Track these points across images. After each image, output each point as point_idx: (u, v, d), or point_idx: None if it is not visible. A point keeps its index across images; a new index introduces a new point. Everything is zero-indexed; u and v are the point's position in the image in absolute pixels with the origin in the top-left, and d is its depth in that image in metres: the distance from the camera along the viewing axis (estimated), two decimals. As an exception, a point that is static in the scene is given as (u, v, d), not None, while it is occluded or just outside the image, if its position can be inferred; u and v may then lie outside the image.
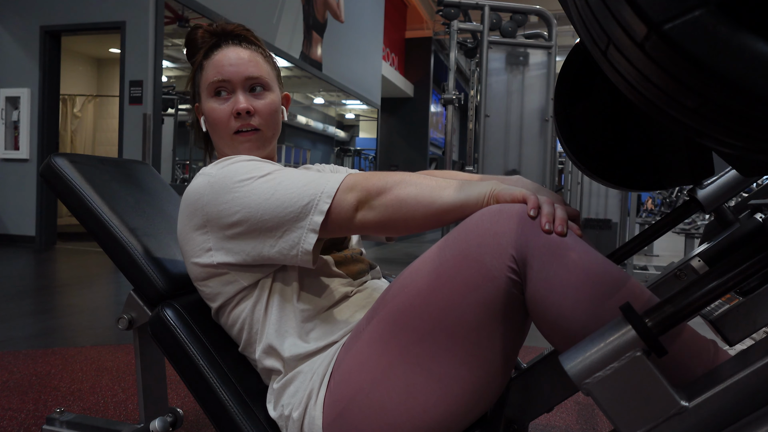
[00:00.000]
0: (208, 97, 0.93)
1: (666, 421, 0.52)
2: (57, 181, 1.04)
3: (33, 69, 5.44)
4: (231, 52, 0.93)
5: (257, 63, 0.95)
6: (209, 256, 0.84)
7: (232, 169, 0.82)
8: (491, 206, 0.72)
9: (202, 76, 0.95)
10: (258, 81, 0.94)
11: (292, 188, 0.78)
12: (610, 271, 0.66)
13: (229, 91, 0.93)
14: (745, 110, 0.34)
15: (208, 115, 0.94)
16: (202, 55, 0.95)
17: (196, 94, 0.98)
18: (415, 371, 0.72)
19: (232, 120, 0.92)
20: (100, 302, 3.16)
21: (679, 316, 0.53)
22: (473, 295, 0.69)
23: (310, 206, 0.77)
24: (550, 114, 4.47)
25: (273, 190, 0.78)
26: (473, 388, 0.72)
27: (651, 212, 14.19)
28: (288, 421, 0.81)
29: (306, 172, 0.82)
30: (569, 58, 0.90)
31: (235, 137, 0.93)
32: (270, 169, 0.82)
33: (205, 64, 0.94)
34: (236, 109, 0.91)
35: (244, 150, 0.93)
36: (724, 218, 1.08)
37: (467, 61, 9.22)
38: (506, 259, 0.67)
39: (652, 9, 0.32)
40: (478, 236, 0.69)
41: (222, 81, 0.92)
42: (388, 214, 0.76)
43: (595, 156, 0.94)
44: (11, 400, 1.64)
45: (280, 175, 0.81)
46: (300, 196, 0.77)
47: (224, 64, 0.92)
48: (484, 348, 0.71)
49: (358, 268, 0.96)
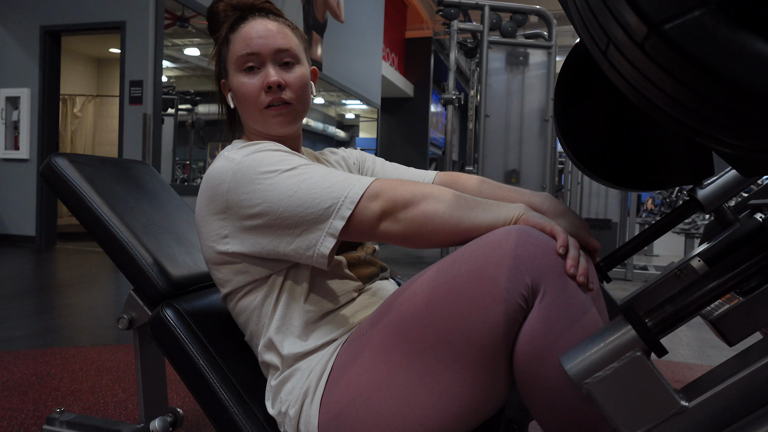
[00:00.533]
0: (237, 72, 0.90)
1: (666, 421, 0.52)
2: (57, 181, 1.04)
3: (33, 69, 5.44)
4: (258, 24, 0.90)
5: (286, 35, 0.91)
6: (225, 243, 0.83)
7: (257, 157, 0.80)
8: (519, 226, 0.71)
9: (228, 50, 0.91)
10: (288, 53, 0.90)
11: (317, 188, 0.76)
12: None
13: (258, 65, 0.89)
14: (745, 110, 0.34)
15: (237, 90, 0.90)
16: (227, 29, 0.92)
17: (222, 69, 0.94)
18: (414, 382, 0.72)
19: (263, 94, 0.89)
20: (100, 302, 3.16)
21: (679, 316, 0.53)
22: (481, 315, 0.67)
23: (332, 209, 0.75)
24: (550, 114, 4.47)
25: (296, 187, 0.77)
26: (471, 406, 0.72)
27: (651, 212, 14.18)
28: (285, 417, 0.81)
29: (333, 172, 0.79)
30: (569, 58, 0.90)
31: (265, 111, 0.89)
32: (296, 163, 0.79)
33: (232, 38, 0.90)
34: (267, 82, 0.88)
35: (275, 125, 0.91)
36: (724, 218, 1.08)
37: (467, 61, 9.23)
38: (520, 285, 0.66)
39: (652, 9, 0.32)
40: (499, 255, 0.68)
41: (251, 54, 0.88)
42: (413, 229, 0.75)
43: (595, 156, 0.94)
44: (11, 400, 1.64)
45: (306, 171, 0.78)
46: (323, 197, 0.75)
47: (253, 36, 0.89)
48: (485, 369, 0.70)
49: (369, 272, 0.95)
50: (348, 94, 9.99)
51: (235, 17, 0.93)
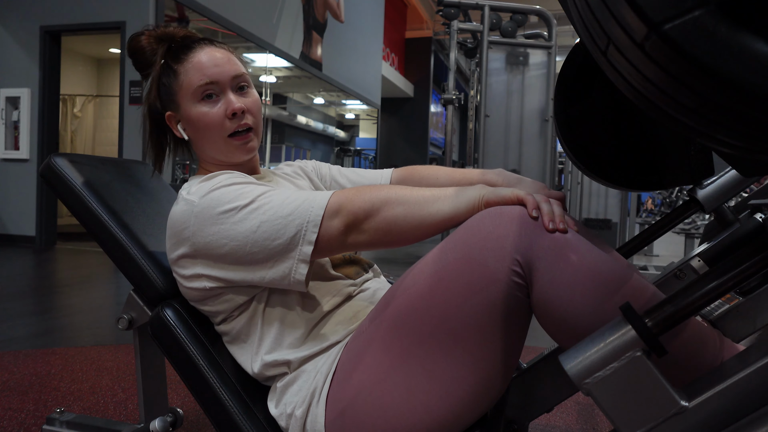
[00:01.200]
0: (195, 102, 0.89)
1: (666, 421, 0.52)
2: (57, 181, 1.04)
3: (33, 69, 5.44)
4: (209, 52, 0.90)
5: (235, 61, 0.92)
6: (200, 282, 0.84)
7: (214, 197, 0.80)
8: (490, 209, 0.72)
9: (178, 81, 0.90)
10: (242, 78, 0.92)
11: (278, 218, 0.76)
12: (615, 269, 0.67)
13: (217, 93, 0.89)
14: (745, 110, 0.34)
15: (198, 120, 0.89)
16: (167, 59, 0.91)
17: (167, 102, 0.93)
18: (416, 372, 0.73)
19: (227, 122, 0.89)
20: (100, 302, 3.16)
21: (679, 316, 0.53)
22: (476, 298, 0.69)
23: (298, 237, 0.76)
24: (550, 114, 4.47)
25: (259, 221, 0.77)
26: (474, 389, 0.73)
27: (651, 212, 14.18)
28: (290, 419, 0.81)
29: (290, 196, 0.78)
30: (569, 58, 0.90)
31: (230, 141, 0.90)
32: (253, 195, 0.79)
33: (180, 68, 0.90)
34: (232, 109, 0.88)
35: (241, 153, 0.92)
36: (724, 218, 1.08)
37: (467, 61, 9.22)
38: (510, 263, 0.67)
39: (652, 9, 0.32)
40: (481, 239, 0.69)
41: (209, 83, 0.88)
42: (380, 236, 0.76)
43: (595, 156, 0.94)
44: (11, 400, 1.64)
45: (265, 202, 0.78)
46: (287, 226, 0.76)
47: (206, 64, 0.89)
48: (486, 350, 0.71)
49: (355, 269, 0.96)
50: (348, 94, 9.99)
51: (167, 48, 0.92)
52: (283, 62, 7.56)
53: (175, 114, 0.93)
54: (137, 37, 0.94)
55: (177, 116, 0.93)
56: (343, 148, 11.72)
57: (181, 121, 0.93)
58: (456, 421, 0.74)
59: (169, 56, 0.92)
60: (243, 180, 0.83)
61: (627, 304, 0.54)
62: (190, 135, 0.93)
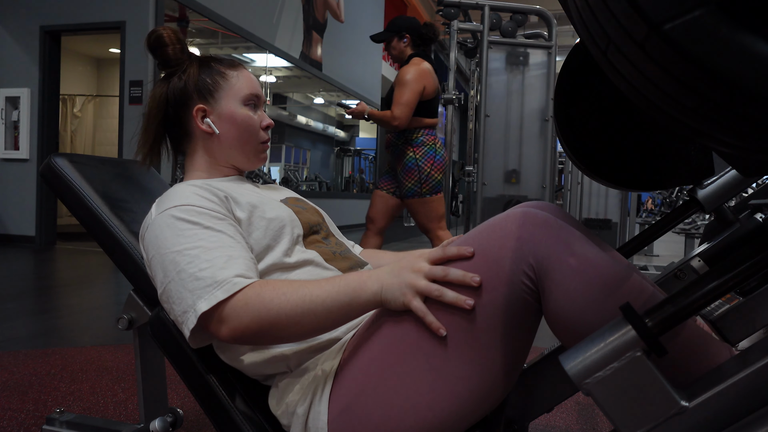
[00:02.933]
0: (241, 104, 0.98)
1: (666, 421, 0.52)
2: (57, 181, 1.04)
3: (33, 69, 5.44)
4: (249, 73, 1.03)
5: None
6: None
7: (162, 223, 0.82)
8: (517, 210, 0.74)
9: (226, 81, 0.98)
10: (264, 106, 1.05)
11: (182, 288, 0.77)
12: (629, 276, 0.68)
13: (256, 106, 1.01)
14: (745, 110, 0.34)
15: (241, 121, 0.97)
16: (214, 62, 1.00)
17: (205, 95, 0.97)
18: (423, 367, 0.73)
19: (261, 132, 1.01)
20: (100, 302, 3.16)
21: (679, 316, 0.53)
22: (487, 296, 0.69)
23: (181, 319, 0.78)
24: (550, 114, 4.47)
25: (171, 279, 0.79)
26: (479, 388, 0.73)
27: (651, 212, 14.18)
28: (292, 417, 0.81)
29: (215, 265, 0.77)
30: (569, 58, 0.90)
31: (259, 147, 1.01)
32: (186, 244, 0.79)
33: (231, 73, 0.99)
34: (267, 123, 1.01)
35: (260, 160, 1.03)
36: (724, 218, 1.08)
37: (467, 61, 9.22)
38: (524, 265, 0.68)
39: (652, 9, 0.32)
40: (501, 237, 0.71)
41: (257, 95, 1.00)
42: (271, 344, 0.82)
43: (595, 156, 0.94)
44: (11, 400, 1.64)
45: (189, 258, 0.78)
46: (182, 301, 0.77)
47: (254, 82, 1.01)
48: (493, 350, 0.71)
49: (348, 264, 0.96)
50: (348, 94, 9.99)
51: (213, 57, 1.02)
52: (283, 62, 7.56)
53: (208, 108, 0.97)
54: (157, 31, 0.98)
55: (209, 111, 0.97)
56: (343, 148, 11.71)
57: (214, 117, 0.97)
58: (459, 420, 0.74)
59: (213, 60, 1.01)
60: (197, 218, 0.82)
61: (627, 305, 0.54)
62: (222, 131, 0.98)
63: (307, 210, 1.01)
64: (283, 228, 0.89)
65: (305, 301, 0.74)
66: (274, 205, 0.93)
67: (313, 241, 0.95)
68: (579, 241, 0.70)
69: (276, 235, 0.88)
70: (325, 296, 0.74)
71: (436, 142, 2.86)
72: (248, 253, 0.83)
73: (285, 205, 0.96)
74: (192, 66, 0.99)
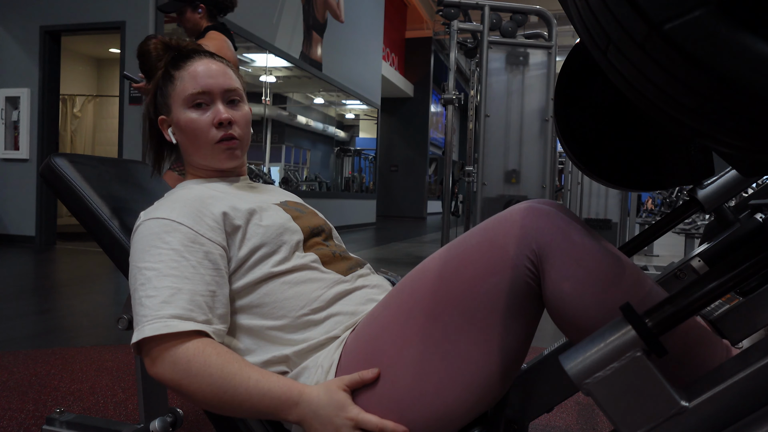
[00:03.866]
0: (185, 108, 0.93)
1: (666, 421, 0.52)
2: (57, 181, 1.04)
3: (33, 69, 5.44)
4: (205, 63, 0.95)
5: (231, 76, 0.97)
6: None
7: (142, 232, 0.83)
8: (522, 204, 0.77)
9: (174, 86, 0.94)
10: (235, 92, 0.96)
11: (135, 302, 0.79)
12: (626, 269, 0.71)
13: (207, 102, 0.94)
14: (745, 110, 0.34)
15: (186, 126, 0.93)
16: (167, 65, 0.96)
17: (161, 106, 0.97)
18: (431, 351, 0.74)
19: (213, 130, 0.93)
20: (100, 302, 3.16)
21: (679, 316, 0.53)
22: (493, 279, 0.72)
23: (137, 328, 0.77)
24: (550, 114, 4.47)
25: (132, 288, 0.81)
26: (485, 373, 0.74)
27: (651, 212, 14.19)
28: None
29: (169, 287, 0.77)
30: (569, 58, 0.90)
31: (216, 146, 0.94)
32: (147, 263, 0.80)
33: (177, 75, 0.94)
34: (219, 118, 0.92)
35: (224, 159, 0.95)
36: (724, 218, 1.08)
37: (467, 61, 9.22)
38: (527, 251, 0.72)
39: (652, 9, 0.32)
40: (506, 226, 0.74)
41: (201, 93, 0.93)
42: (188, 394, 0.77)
43: (595, 156, 0.94)
44: (11, 400, 1.64)
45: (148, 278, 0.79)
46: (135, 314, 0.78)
47: (202, 75, 0.93)
48: (498, 335, 0.73)
49: (347, 265, 0.96)
50: (348, 94, 9.99)
51: (173, 55, 0.97)
52: (283, 62, 7.56)
53: (166, 118, 0.97)
54: (147, 40, 0.99)
55: (168, 120, 0.97)
56: (343, 148, 11.71)
57: (172, 126, 0.97)
58: (464, 409, 0.75)
59: (170, 63, 0.96)
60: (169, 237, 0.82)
61: (627, 304, 0.54)
62: (179, 140, 0.97)
63: (306, 213, 1.00)
64: (281, 235, 0.88)
65: (227, 391, 0.73)
66: (272, 211, 0.92)
67: (314, 243, 0.94)
68: (580, 234, 0.72)
69: (273, 242, 0.87)
70: (249, 396, 0.73)
71: None
72: (206, 287, 0.79)
73: (283, 210, 0.95)
74: (157, 74, 0.97)
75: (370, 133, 12.65)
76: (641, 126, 0.92)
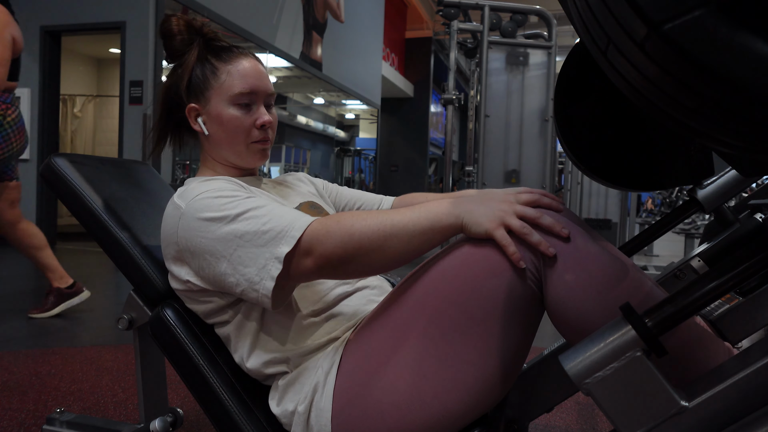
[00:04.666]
0: (229, 104, 0.92)
1: (666, 421, 0.52)
2: (57, 181, 1.04)
3: (33, 69, 5.43)
4: (252, 63, 0.95)
5: (270, 79, 0.98)
6: (186, 285, 0.87)
7: (198, 205, 0.81)
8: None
9: (216, 79, 0.92)
10: (273, 97, 0.98)
11: (251, 247, 0.77)
12: (627, 272, 0.70)
13: (250, 103, 0.94)
14: (745, 110, 0.34)
15: (227, 122, 0.92)
16: (210, 55, 0.94)
17: (197, 94, 0.94)
18: (430, 354, 0.73)
19: (255, 131, 0.94)
20: (99, 302, 3.16)
21: (679, 316, 0.53)
22: (495, 281, 0.71)
23: (264, 271, 0.76)
24: (550, 114, 4.47)
25: (235, 246, 0.77)
26: (483, 378, 0.73)
27: (651, 212, 14.19)
28: (293, 416, 0.81)
29: (268, 221, 0.77)
30: (569, 58, 0.90)
31: (253, 145, 0.95)
32: (235, 211, 0.79)
33: (223, 68, 0.92)
34: (263, 121, 0.93)
35: (257, 159, 0.96)
36: (724, 218, 1.08)
37: (467, 61, 9.22)
38: (530, 253, 0.70)
39: (652, 9, 0.32)
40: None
41: (250, 93, 0.93)
42: (354, 276, 0.80)
43: (595, 156, 0.94)
44: (11, 400, 1.64)
45: (242, 224, 0.78)
46: (257, 258, 0.76)
47: (251, 75, 0.93)
48: (498, 338, 0.72)
49: None
50: (348, 94, 9.99)
51: (211, 45, 0.95)
52: (283, 62, 7.57)
53: (199, 107, 0.95)
54: (168, 19, 0.96)
55: (201, 110, 0.94)
56: (343, 148, 11.72)
57: (205, 116, 0.94)
58: (463, 411, 0.75)
59: (210, 52, 0.94)
60: (231, 193, 0.83)
61: (627, 304, 0.54)
62: (211, 132, 0.95)
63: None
64: None
65: (386, 225, 0.74)
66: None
67: None
68: (581, 236, 0.71)
69: None
70: (407, 221, 0.74)
71: (6, 112, 2.28)
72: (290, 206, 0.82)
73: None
74: (190, 58, 0.94)
75: (370, 133, 12.65)
76: (641, 126, 0.92)
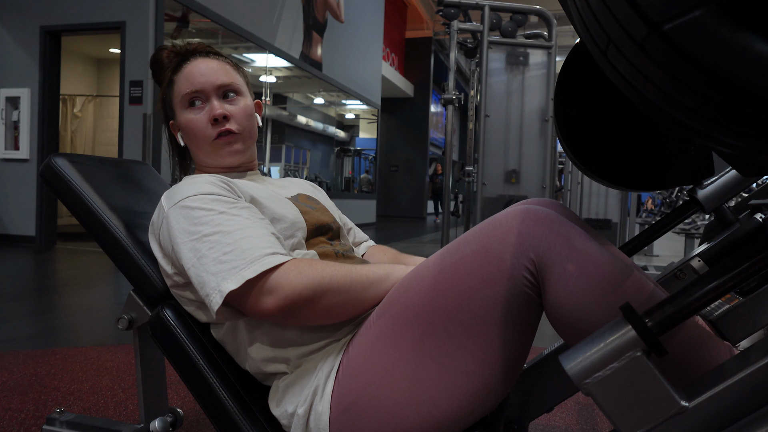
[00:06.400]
0: (183, 110, 0.95)
1: (666, 421, 0.52)
2: (57, 181, 1.04)
3: (33, 69, 5.44)
4: (200, 63, 0.96)
5: (227, 71, 0.98)
6: (173, 279, 0.88)
7: (176, 214, 0.81)
8: (518, 206, 0.75)
9: (173, 91, 0.97)
10: (230, 87, 0.96)
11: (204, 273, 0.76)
12: (629, 274, 0.69)
13: (203, 101, 0.95)
14: (745, 110, 0.34)
15: (185, 127, 0.96)
16: (171, 72, 0.98)
17: (169, 111, 1.00)
18: (426, 363, 0.73)
19: (210, 127, 0.94)
20: (100, 302, 3.16)
21: (679, 316, 0.53)
22: (489, 291, 0.70)
23: (206, 301, 0.75)
24: (550, 114, 4.47)
25: (193, 262, 0.77)
26: (481, 384, 0.73)
27: (651, 212, 14.19)
28: (293, 418, 0.81)
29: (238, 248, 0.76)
30: (569, 58, 0.90)
31: (215, 143, 0.94)
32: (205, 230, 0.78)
33: (176, 79, 0.96)
34: (213, 115, 0.93)
35: (225, 155, 0.95)
36: (724, 218, 1.08)
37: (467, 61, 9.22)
38: (525, 260, 0.69)
39: (652, 9, 0.32)
40: (502, 233, 0.72)
41: (195, 91, 0.94)
42: (313, 321, 0.79)
43: (595, 156, 0.94)
44: (11, 400, 1.64)
45: (209, 244, 0.77)
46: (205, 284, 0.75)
47: (195, 74, 0.95)
48: (495, 345, 0.72)
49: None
50: (348, 94, 9.99)
51: (177, 61, 0.99)
52: (283, 62, 7.57)
53: (174, 122, 1.00)
54: (160, 51, 1.01)
55: (176, 124, 0.99)
56: (343, 148, 11.72)
57: (178, 129, 0.99)
58: (461, 416, 0.75)
59: (173, 69, 0.98)
60: (210, 205, 0.81)
61: (627, 304, 0.54)
62: (185, 141, 0.99)
63: (317, 209, 1.00)
64: (284, 230, 0.88)
65: (351, 271, 0.79)
66: (279, 204, 0.91)
67: (317, 242, 0.94)
68: (580, 238, 0.70)
69: (282, 235, 0.87)
70: (366, 270, 0.81)
71: None
72: (269, 228, 0.81)
73: (292, 204, 0.94)
74: (164, 82, 1.00)
75: (370, 133, 12.64)
76: (641, 126, 0.92)
